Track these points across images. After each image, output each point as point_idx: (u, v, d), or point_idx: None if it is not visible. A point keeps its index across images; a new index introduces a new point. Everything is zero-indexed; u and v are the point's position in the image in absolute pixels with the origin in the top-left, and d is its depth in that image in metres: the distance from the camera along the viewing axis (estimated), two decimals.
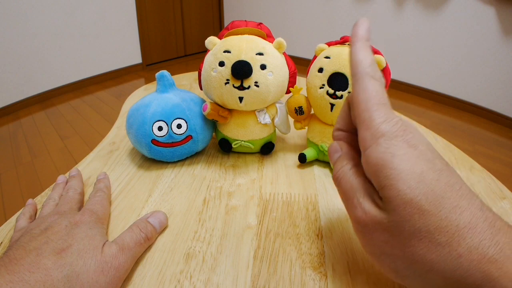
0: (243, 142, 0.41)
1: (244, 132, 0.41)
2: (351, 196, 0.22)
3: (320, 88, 0.37)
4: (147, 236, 0.29)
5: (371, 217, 0.20)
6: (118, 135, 0.50)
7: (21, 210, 0.33)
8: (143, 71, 3.08)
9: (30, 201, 0.35)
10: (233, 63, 0.35)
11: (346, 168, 0.23)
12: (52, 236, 0.24)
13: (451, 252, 0.18)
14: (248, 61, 0.35)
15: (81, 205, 0.33)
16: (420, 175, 0.19)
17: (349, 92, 0.36)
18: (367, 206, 0.20)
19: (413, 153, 0.20)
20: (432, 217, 0.18)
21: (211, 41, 0.39)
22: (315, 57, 0.40)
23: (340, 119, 0.26)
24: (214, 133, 0.44)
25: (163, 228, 0.32)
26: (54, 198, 0.34)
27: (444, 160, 0.21)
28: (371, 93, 0.21)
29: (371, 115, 0.21)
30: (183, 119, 0.39)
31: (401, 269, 0.20)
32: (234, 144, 0.42)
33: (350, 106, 0.24)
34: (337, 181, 0.23)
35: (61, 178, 0.38)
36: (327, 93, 0.37)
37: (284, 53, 0.40)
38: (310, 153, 0.41)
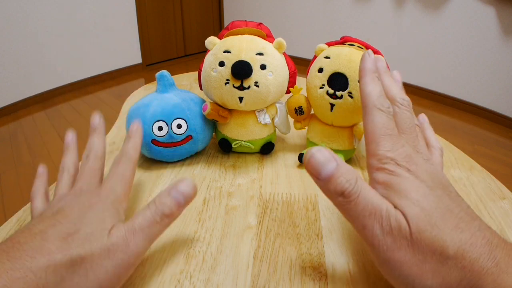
0: (243, 142, 0.41)
1: (244, 132, 0.41)
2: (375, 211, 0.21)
3: (320, 88, 0.37)
4: (164, 213, 0.24)
5: (397, 231, 0.20)
6: (118, 135, 0.50)
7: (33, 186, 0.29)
8: (143, 71, 3.08)
9: (41, 169, 0.31)
10: (233, 63, 0.35)
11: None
12: (61, 219, 0.23)
13: (457, 264, 0.19)
14: (248, 61, 0.35)
15: (102, 174, 0.29)
16: (421, 200, 0.21)
17: (349, 93, 0.36)
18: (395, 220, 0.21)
19: (414, 181, 0.22)
20: (439, 231, 0.20)
21: (211, 41, 0.39)
22: (315, 57, 0.40)
23: None
24: (214, 133, 0.44)
25: (191, 199, 0.26)
26: (68, 168, 0.30)
27: (447, 190, 0.22)
28: (378, 125, 0.23)
29: (377, 144, 0.23)
30: (183, 119, 0.39)
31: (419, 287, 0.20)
32: (234, 144, 0.42)
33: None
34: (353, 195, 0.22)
35: (70, 137, 0.32)
36: (327, 93, 0.37)
37: (284, 53, 0.40)
38: None
